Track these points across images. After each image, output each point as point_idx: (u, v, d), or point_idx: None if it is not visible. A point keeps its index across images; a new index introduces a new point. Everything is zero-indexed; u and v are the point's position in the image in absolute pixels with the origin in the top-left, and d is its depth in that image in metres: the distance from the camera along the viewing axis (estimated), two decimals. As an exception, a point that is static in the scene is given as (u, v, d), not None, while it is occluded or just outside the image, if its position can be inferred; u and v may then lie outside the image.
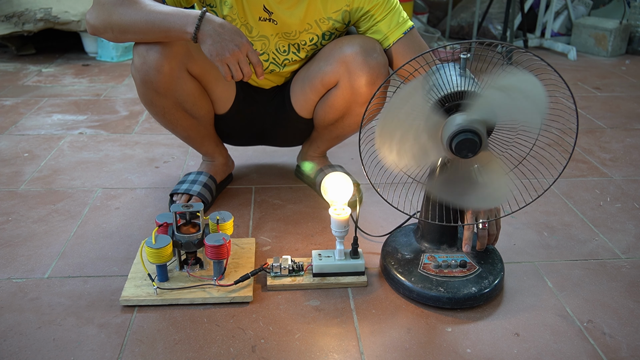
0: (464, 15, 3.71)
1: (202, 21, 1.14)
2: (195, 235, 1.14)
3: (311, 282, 1.17)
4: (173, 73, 1.26)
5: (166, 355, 0.99)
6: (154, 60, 1.22)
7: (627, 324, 1.09)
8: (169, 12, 1.16)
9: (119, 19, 1.17)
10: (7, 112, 2.18)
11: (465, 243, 1.16)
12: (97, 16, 1.19)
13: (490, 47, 1.03)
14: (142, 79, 1.26)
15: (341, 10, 1.31)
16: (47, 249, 1.29)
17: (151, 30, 1.17)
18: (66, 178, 1.64)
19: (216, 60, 1.17)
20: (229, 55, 1.16)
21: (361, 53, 1.26)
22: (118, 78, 2.68)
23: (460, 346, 1.03)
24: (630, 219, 1.48)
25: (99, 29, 1.21)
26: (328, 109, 1.40)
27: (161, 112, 1.34)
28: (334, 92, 1.36)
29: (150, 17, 1.16)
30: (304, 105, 1.44)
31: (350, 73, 1.29)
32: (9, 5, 2.81)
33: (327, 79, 1.34)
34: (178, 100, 1.32)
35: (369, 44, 1.28)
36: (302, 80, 1.42)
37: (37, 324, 1.06)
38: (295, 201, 1.55)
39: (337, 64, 1.30)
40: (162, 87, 1.27)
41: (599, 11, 3.78)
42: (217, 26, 1.15)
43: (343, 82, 1.31)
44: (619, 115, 2.31)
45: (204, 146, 1.53)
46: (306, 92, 1.41)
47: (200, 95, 1.37)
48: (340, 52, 1.29)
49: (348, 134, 1.50)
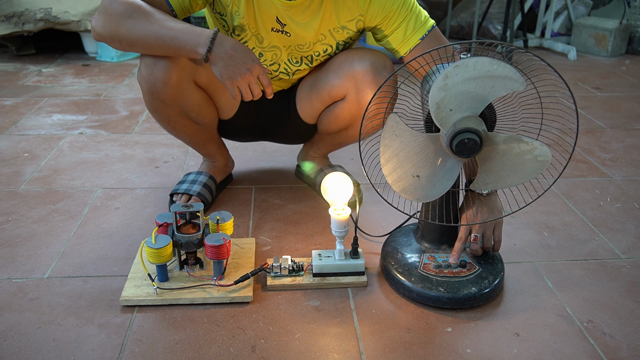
0: (464, 15, 3.71)
1: (214, 43, 1.12)
2: (195, 235, 1.14)
3: (311, 282, 1.17)
4: (180, 85, 1.25)
5: (166, 355, 0.99)
6: (162, 72, 1.20)
7: (627, 324, 1.09)
8: (180, 30, 1.13)
9: (127, 33, 1.14)
10: (7, 112, 2.18)
11: (453, 254, 1.16)
12: (103, 25, 1.16)
13: (490, 47, 1.03)
14: (149, 90, 1.24)
15: (355, 19, 1.28)
16: (47, 249, 1.29)
17: (160, 47, 1.15)
18: (66, 178, 1.64)
19: (227, 82, 1.15)
20: (240, 79, 1.15)
21: (372, 71, 1.25)
22: (118, 78, 2.68)
23: (460, 346, 1.03)
24: (630, 219, 1.48)
25: (105, 38, 1.18)
26: (333, 119, 1.39)
27: (166, 120, 1.34)
28: (340, 105, 1.35)
29: (160, 34, 1.13)
30: (309, 112, 1.44)
31: (359, 89, 1.27)
32: (9, 5, 2.81)
33: (334, 92, 1.33)
34: (184, 110, 1.32)
35: (380, 61, 1.26)
36: (309, 88, 1.40)
37: (37, 324, 1.06)
38: (295, 201, 1.55)
39: (346, 79, 1.28)
40: (168, 98, 1.26)
41: (599, 11, 3.78)
42: (229, 49, 1.13)
43: (351, 97, 1.30)
44: (619, 115, 2.31)
45: (206, 149, 1.52)
46: (312, 101, 1.40)
47: (206, 105, 1.36)
48: (351, 67, 1.27)
49: (350, 143, 1.50)
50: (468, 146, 0.96)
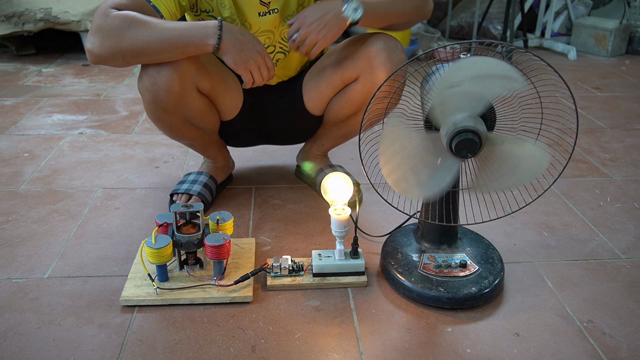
0: (464, 15, 3.71)
1: (222, 31, 1.13)
2: (195, 235, 1.14)
3: (311, 282, 1.17)
4: (183, 92, 1.24)
5: (166, 355, 0.99)
6: (165, 81, 1.19)
7: (627, 324, 1.09)
8: (184, 27, 1.13)
9: (130, 44, 1.11)
10: (7, 112, 2.18)
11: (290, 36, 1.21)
12: (101, 44, 1.12)
13: (490, 47, 1.03)
14: (152, 99, 1.23)
15: None
16: (47, 249, 1.29)
17: (168, 48, 1.13)
18: (66, 178, 1.64)
19: (241, 68, 1.17)
20: (253, 63, 1.17)
21: (385, 49, 1.27)
22: (118, 78, 2.68)
23: (460, 346, 1.03)
24: (630, 219, 1.48)
25: (106, 57, 1.14)
26: (344, 103, 1.39)
27: (168, 127, 1.33)
28: (352, 87, 1.35)
29: (165, 36, 1.11)
30: (317, 101, 1.44)
31: (373, 68, 1.29)
32: (9, 5, 2.81)
33: (347, 74, 1.34)
34: (186, 117, 1.32)
35: (392, 42, 1.29)
36: (317, 76, 1.41)
37: (37, 324, 1.06)
38: (295, 201, 1.55)
39: (360, 59, 1.30)
40: (171, 106, 1.25)
41: (599, 11, 3.78)
42: (239, 34, 1.15)
43: (364, 77, 1.31)
44: (619, 115, 2.31)
45: (207, 151, 1.52)
46: (321, 88, 1.40)
47: (208, 110, 1.36)
48: (364, 47, 1.29)
49: (355, 133, 1.50)
50: (467, 146, 0.96)
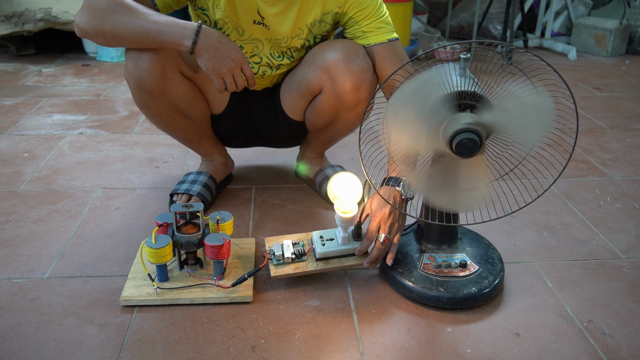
0: (464, 15, 3.71)
1: (199, 35, 1.13)
2: (195, 235, 1.14)
3: (315, 267, 1.16)
4: (166, 75, 1.25)
5: (166, 355, 0.99)
6: (147, 63, 1.21)
7: (627, 324, 1.09)
8: (164, 23, 1.14)
9: (112, 27, 1.15)
10: (7, 112, 2.18)
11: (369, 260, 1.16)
12: (87, 20, 1.17)
13: (490, 47, 1.03)
14: (136, 83, 1.25)
15: (332, 12, 1.30)
16: (47, 249, 1.29)
17: (145, 41, 1.16)
18: (66, 178, 1.64)
19: (212, 74, 1.17)
20: (225, 70, 1.17)
21: (343, 59, 1.25)
22: (118, 78, 2.68)
23: (460, 346, 1.03)
24: (630, 219, 1.48)
25: (89, 33, 1.19)
26: (316, 115, 1.40)
27: (157, 115, 1.34)
28: (320, 99, 1.35)
29: (145, 28, 1.14)
30: (294, 109, 1.44)
31: (334, 80, 1.28)
32: (9, 5, 2.81)
33: (311, 86, 1.34)
34: (173, 102, 1.32)
35: (351, 48, 1.27)
36: (289, 86, 1.41)
37: (37, 324, 1.06)
38: (295, 201, 1.55)
39: (319, 71, 1.29)
40: (156, 90, 1.26)
41: (599, 11, 3.78)
42: (215, 41, 1.15)
43: (327, 89, 1.31)
44: (619, 115, 2.31)
45: (202, 147, 1.52)
46: (294, 97, 1.41)
47: (195, 96, 1.36)
48: (322, 58, 1.28)
49: (342, 136, 1.50)
50: (468, 146, 0.96)
